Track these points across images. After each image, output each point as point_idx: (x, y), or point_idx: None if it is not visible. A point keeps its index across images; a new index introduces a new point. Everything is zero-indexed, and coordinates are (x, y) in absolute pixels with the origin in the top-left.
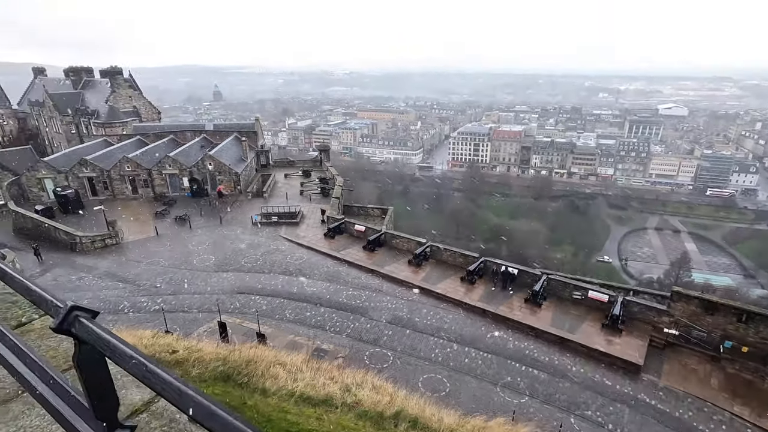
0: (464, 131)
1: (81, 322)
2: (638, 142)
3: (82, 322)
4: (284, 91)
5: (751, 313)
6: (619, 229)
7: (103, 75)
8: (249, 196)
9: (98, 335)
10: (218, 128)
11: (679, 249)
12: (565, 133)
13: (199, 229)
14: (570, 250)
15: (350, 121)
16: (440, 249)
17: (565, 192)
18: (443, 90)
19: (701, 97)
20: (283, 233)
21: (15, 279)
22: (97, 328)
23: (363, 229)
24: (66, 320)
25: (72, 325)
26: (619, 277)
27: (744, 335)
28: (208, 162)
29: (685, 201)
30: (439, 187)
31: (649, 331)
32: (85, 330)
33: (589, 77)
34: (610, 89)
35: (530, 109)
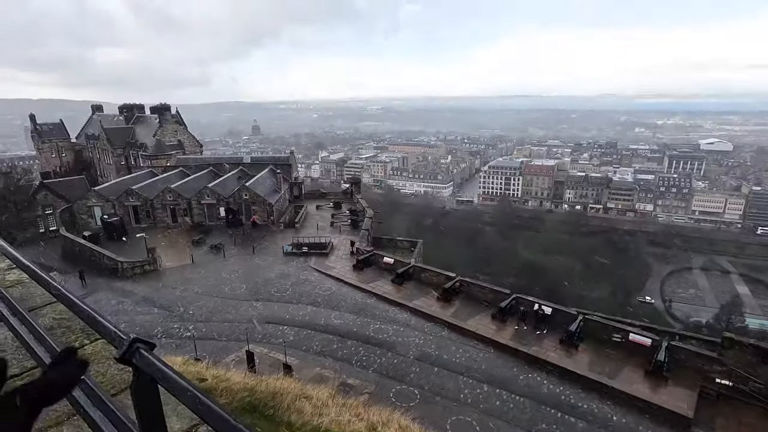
0: (495, 165)
1: (141, 353)
2: (679, 178)
3: (142, 354)
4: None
5: None
6: (661, 267)
7: (152, 111)
8: (281, 227)
9: (157, 367)
10: (255, 161)
11: (730, 291)
12: (600, 168)
13: (233, 258)
14: (608, 288)
15: (381, 155)
16: (470, 284)
17: (602, 228)
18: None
19: (747, 132)
20: (312, 264)
21: (83, 309)
22: (156, 360)
23: (392, 262)
24: (128, 351)
25: (133, 355)
26: (663, 319)
27: None
28: (244, 193)
29: (734, 240)
30: (470, 220)
31: (699, 381)
32: (145, 361)
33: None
34: (647, 124)
35: (563, 143)
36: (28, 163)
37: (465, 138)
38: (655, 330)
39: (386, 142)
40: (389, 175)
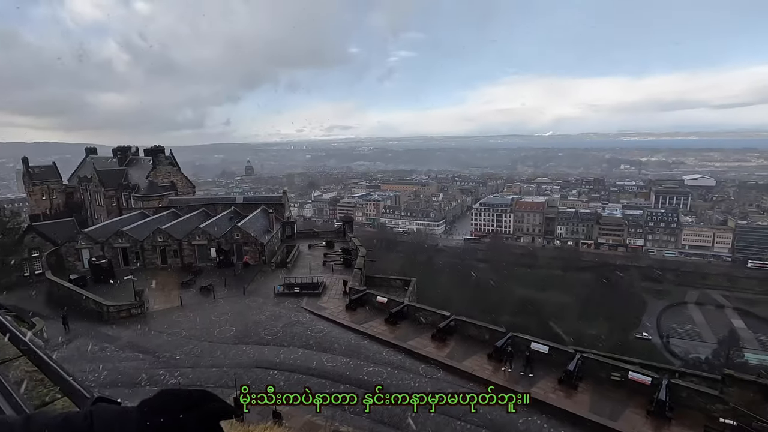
0: (486, 202)
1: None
2: (667, 213)
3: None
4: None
5: None
6: (656, 303)
7: (146, 153)
8: (273, 267)
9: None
10: (247, 201)
11: (726, 325)
12: (589, 204)
13: (222, 300)
14: (604, 325)
15: (374, 193)
16: (465, 323)
17: (594, 263)
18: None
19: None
20: (304, 304)
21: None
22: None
23: (385, 301)
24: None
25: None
26: (662, 356)
27: None
28: (236, 233)
29: (726, 273)
30: (463, 257)
31: (703, 421)
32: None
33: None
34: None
35: (552, 180)
36: (18, 206)
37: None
38: (655, 368)
39: (378, 180)
40: (382, 213)
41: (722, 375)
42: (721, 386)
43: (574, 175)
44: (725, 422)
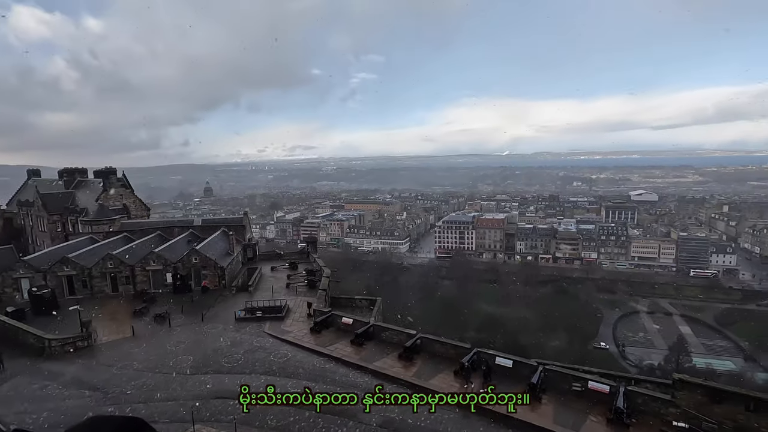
0: (449, 220)
1: None
2: (616, 227)
3: None
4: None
5: (759, 401)
6: (611, 313)
7: (97, 175)
8: (234, 291)
9: None
10: (206, 223)
11: (674, 332)
12: (545, 220)
13: (179, 327)
14: (565, 337)
15: (338, 213)
16: (432, 341)
17: (553, 277)
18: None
19: (668, 184)
20: (267, 329)
21: None
22: None
23: (351, 322)
24: None
25: None
26: (619, 364)
27: (758, 427)
28: (194, 257)
29: (672, 282)
30: (428, 275)
31: (658, 425)
32: None
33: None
34: (582, 178)
35: (510, 198)
36: None
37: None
38: (613, 376)
39: (342, 200)
40: (346, 233)
41: (673, 380)
42: (672, 391)
43: (530, 193)
44: (678, 425)
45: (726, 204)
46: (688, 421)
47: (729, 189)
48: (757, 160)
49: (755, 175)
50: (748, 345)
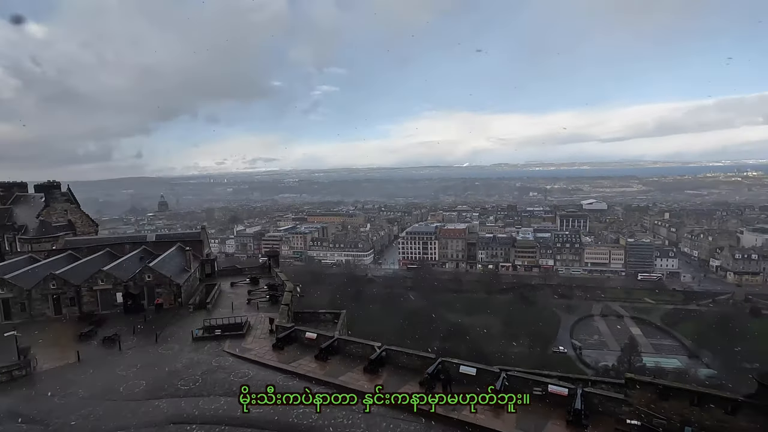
0: (412, 231)
1: None
2: (571, 234)
3: None
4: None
5: (702, 395)
6: (568, 317)
7: (38, 190)
8: (191, 309)
9: None
10: (161, 238)
11: (626, 333)
12: (504, 229)
13: (130, 350)
14: (526, 343)
15: (300, 226)
16: (397, 352)
17: (513, 284)
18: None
19: (615, 193)
20: (227, 347)
21: None
22: None
23: (314, 337)
24: None
25: None
26: (576, 367)
27: (701, 419)
28: (147, 274)
29: (622, 286)
30: (393, 286)
31: (613, 424)
32: None
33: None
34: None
35: (471, 208)
36: None
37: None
38: (571, 379)
39: (305, 213)
40: (309, 246)
41: (625, 379)
42: (625, 390)
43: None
44: (631, 423)
45: (667, 211)
46: (640, 418)
47: (669, 197)
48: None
49: (691, 184)
50: (691, 343)
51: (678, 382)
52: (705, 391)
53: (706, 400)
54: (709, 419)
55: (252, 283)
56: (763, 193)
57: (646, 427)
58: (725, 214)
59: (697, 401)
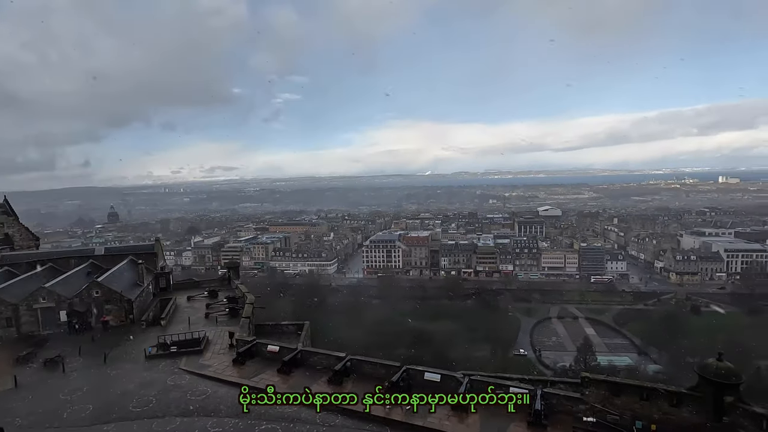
0: (376, 239)
1: None
2: (528, 240)
3: None
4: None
5: (650, 390)
6: (527, 320)
7: None
8: (144, 326)
9: None
10: (111, 251)
11: (581, 334)
12: (466, 236)
13: (75, 372)
14: (488, 347)
15: (262, 236)
16: (361, 362)
17: (475, 290)
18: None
19: (569, 200)
20: (183, 365)
21: None
22: None
23: (277, 350)
24: None
25: None
26: (536, 368)
27: (650, 413)
28: (95, 290)
29: (577, 289)
30: (357, 295)
31: (571, 423)
32: None
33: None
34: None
35: (433, 215)
36: None
37: (346, 215)
38: (531, 380)
39: (267, 222)
40: (271, 256)
41: (581, 378)
42: (581, 389)
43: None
44: (587, 420)
45: (615, 217)
46: (596, 415)
47: (617, 204)
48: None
49: (636, 191)
50: (640, 341)
51: (629, 379)
52: (652, 386)
53: (653, 395)
54: (656, 412)
55: (210, 297)
56: (699, 199)
57: (601, 423)
58: (667, 218)
59: (646, 396)
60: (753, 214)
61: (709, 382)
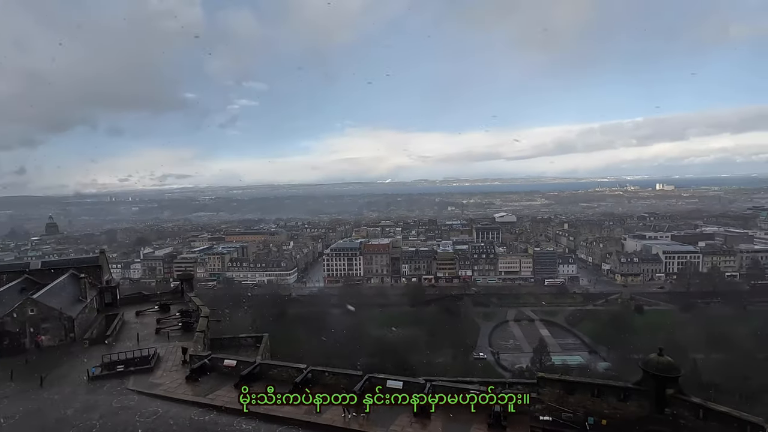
0: (336, 248)
1: None
2: (485, 246)
3: None
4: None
5: (600, 387)
6: (486, 324)
7: None
8: (86, 344)
9: None
10: (48, 266)
11: (537, 336)
12: (426, 243)
13: (7, 399)
14: (449, 352)
15: (218, 246)
16: (322, 372)
17: (436, 296)
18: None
19: (523, 207)
20: (131, 385)
21: None
22: None
23: (234, 364)
24: None
25: None
26: (495, 371)
27: (600, 408)
28: (30, 308)
29: (532, 292)
30: (318, 305)
31: (528, 422)
32: None
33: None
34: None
35: (394, 223)
36: None
37: (306, 223)
38: (490, 383)
39: (223, 232)
40: (228, 267)
41: (537, 379)
42: (537, 389)
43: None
44: (543, 419)
45: (566, 222)
46: (551, 414)
47: (567, 210)
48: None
49: (584, 198)
50: (590, 340)
51: (581, 377)
52: (602, 383)
53: (603, 391)
54: (607, 408)
55: (162, 311)
56: (640, 205)
57: (556, 421)
58: (611, 223)
59: (597, 392)
60: (686, 219)
61: (652, 376)
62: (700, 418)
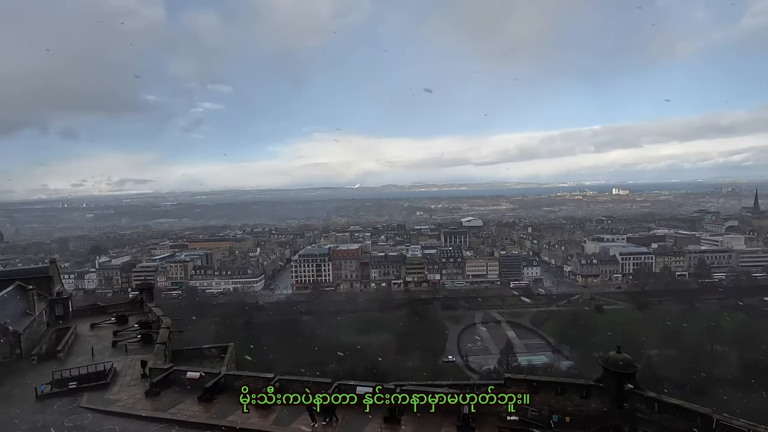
0: (305, 254)
1: None
2: (453, 250)
3: None
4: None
5: (563, 385)
6: (454, 327)
7: None
8: (35, 361)
9: None
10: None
11: (503, 337)
12: (395, 247)
13: None
14: (419, 356)
15: (180, 254)
16: (290, 381)
17: (405, 300)
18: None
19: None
20: (85, 402)
21: None
22: None
23: (197, 376)
24: None
25: None
26: (464, 373)
27: (564, 406)
28: None
29: (498, 295)
30: (286, 312)
31: (496, 423)
32: None
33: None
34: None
35: (363, 228)
36: None
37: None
38: (460, 385)
39: (186, 239)
40: (191, 275)
41: (504, 379)
42: (505, 389)
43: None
44: (510, 419)
45: (530, 226)
46: (518, 413)
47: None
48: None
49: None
50: (554, 340)
51: (545, 376)
52: (565, 381)
53: (567, 389)
54: (570, 405)
55: (119, 323)
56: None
57: (523, 420)
58: (572, 227)
59: (560, 391)
60: (640, 221)
61: (611, 372)
62: (655, 411)
